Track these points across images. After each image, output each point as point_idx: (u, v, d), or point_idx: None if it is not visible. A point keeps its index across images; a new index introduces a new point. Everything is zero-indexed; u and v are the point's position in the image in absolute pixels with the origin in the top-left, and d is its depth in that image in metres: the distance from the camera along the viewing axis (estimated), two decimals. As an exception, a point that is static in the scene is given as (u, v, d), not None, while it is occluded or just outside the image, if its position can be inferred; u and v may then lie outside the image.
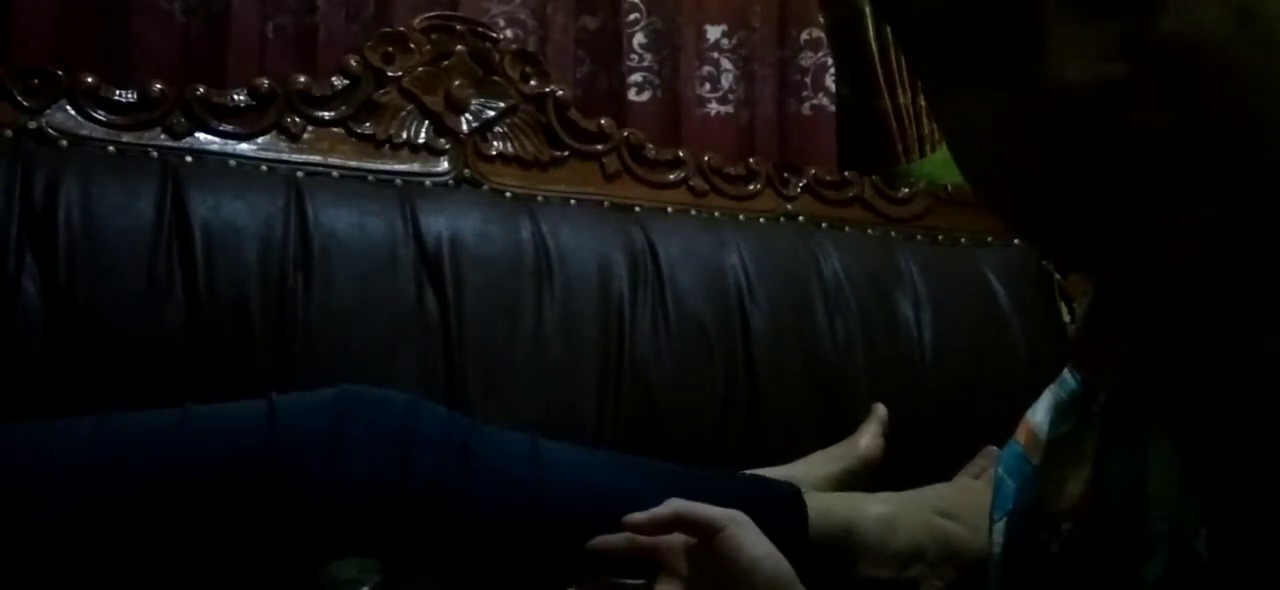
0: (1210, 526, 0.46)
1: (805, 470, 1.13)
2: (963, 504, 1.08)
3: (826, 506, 1.01)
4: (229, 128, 1.23)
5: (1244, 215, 0.43)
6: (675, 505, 0.74)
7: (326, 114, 1.28)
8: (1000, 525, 0.62)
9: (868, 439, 1.20)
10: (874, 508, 1.04)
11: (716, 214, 1.45)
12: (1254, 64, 0.41)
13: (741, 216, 1.46)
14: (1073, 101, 0.41)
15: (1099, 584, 0.50)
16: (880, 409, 1.23)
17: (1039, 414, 0.61)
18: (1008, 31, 0.44)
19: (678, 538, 0.75)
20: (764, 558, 0.68)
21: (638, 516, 0.75)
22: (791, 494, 1.01)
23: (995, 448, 1.17)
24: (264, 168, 1.23)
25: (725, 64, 1.65)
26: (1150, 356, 0.50)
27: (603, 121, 1.41)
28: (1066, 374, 0.59)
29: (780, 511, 1.00)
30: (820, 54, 1.66)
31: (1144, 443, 0.50)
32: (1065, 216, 0.44)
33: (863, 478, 1.15)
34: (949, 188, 1.59)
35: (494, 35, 1.39)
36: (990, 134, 0.46)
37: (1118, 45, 0.41)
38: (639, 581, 0.76)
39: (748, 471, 1.10)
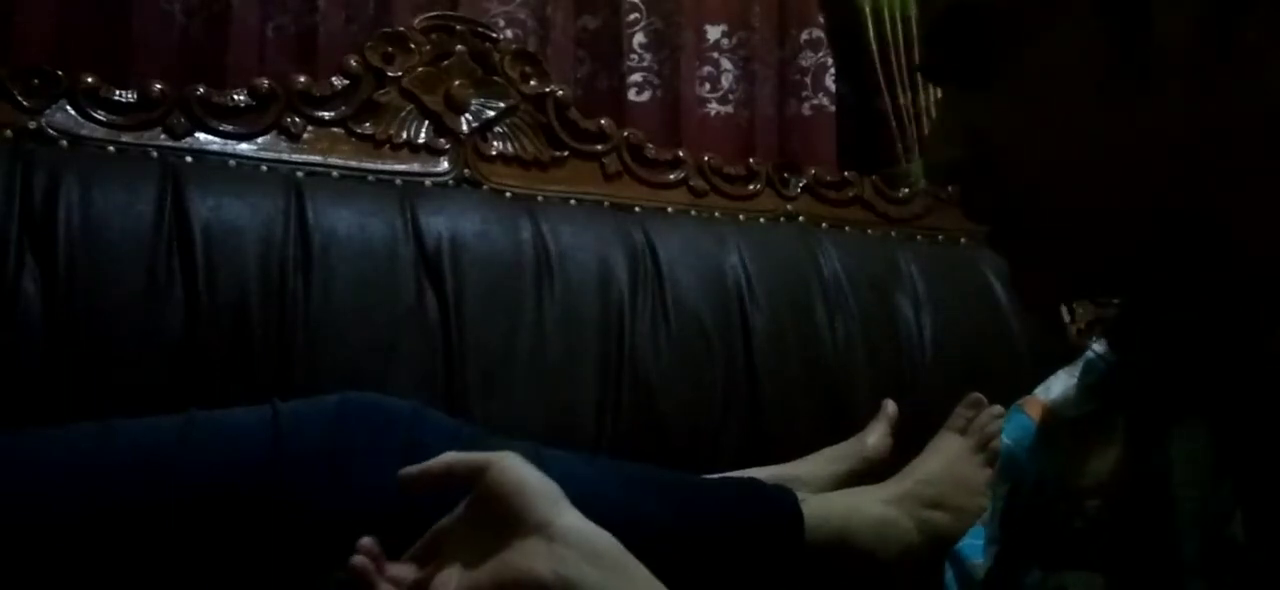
0: (1246, 509, 0.46)
1: (811, 468, 1.13)
2: (952, 491, 1.09)
3: (822, 515, 1.02)
4: (229, 128, 1.23)
5: (1070, 285, 0.53)
6: (446, 458, 0.74)
7: (326, 114, 1.28)
8: (1002, 489, 0.64)
9: (876, 437, 1.19)
10: (870, 510, 1.05)
11: (716, 214, 1.45)
12: (1055, 161, 0.49)
13: (741, 216, 1.46)
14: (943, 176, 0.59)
15: (1136, 558, 0.51)
16: (890, 406, 1.23)
17: (1055, 391, 0.63)
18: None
19: (454, 515, 0.74)
20: (531, 476, 0.69)
21: (410, 471, 0.75)
22: (790, 507, 1.01)
23: (980, 395, 1.19)
24: (264, 168, 1.23)
25: (725, 64, 1.65)
26: (1182, 341, 0.51)
27: (603, 121, 1.41)
28: (1092, 356, 0.60)
29: (777, 523, 1.00)
30: (820, 54, 1.66)
31: (1169, 424, 0.50)
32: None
33: (869, 477, 1.15)
34: (949, 188, 1.59)
35: (494, 35, 1.39)
36: None
37: (961, 134, 0.52)
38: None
39: (752, 471, 1.10)
